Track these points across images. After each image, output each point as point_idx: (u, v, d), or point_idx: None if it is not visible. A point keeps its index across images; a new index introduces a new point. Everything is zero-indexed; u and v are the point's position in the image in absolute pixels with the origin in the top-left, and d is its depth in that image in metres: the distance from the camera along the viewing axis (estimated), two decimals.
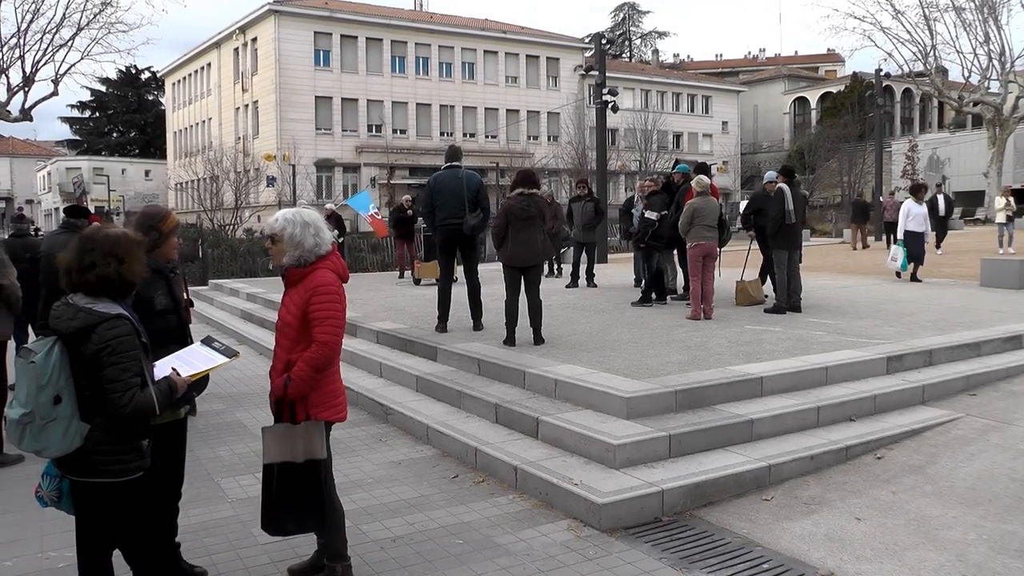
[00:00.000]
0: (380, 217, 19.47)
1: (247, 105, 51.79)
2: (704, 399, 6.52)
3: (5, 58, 24.50)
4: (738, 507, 5.36)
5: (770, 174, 11.31)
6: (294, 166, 44.24)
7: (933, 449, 6.30)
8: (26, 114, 25.63)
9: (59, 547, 4.91)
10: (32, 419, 3.27)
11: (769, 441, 6.17)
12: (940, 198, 23.78)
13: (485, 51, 55.24)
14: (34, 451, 3.35)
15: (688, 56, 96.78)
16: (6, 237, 7.80)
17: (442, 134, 52.96)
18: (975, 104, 45.48)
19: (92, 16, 25.03)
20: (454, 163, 9.59)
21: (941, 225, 23.25)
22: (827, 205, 53.50)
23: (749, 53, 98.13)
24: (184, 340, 4.29)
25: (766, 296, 11.64)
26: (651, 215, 11.72)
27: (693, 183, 10.59)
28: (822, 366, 7.37)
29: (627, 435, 5.78)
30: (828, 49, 77.04)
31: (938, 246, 22.63)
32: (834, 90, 69.88)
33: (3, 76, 24.61)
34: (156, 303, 4.19)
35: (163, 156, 68.31)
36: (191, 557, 4.53)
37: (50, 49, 24.98)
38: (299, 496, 4.01)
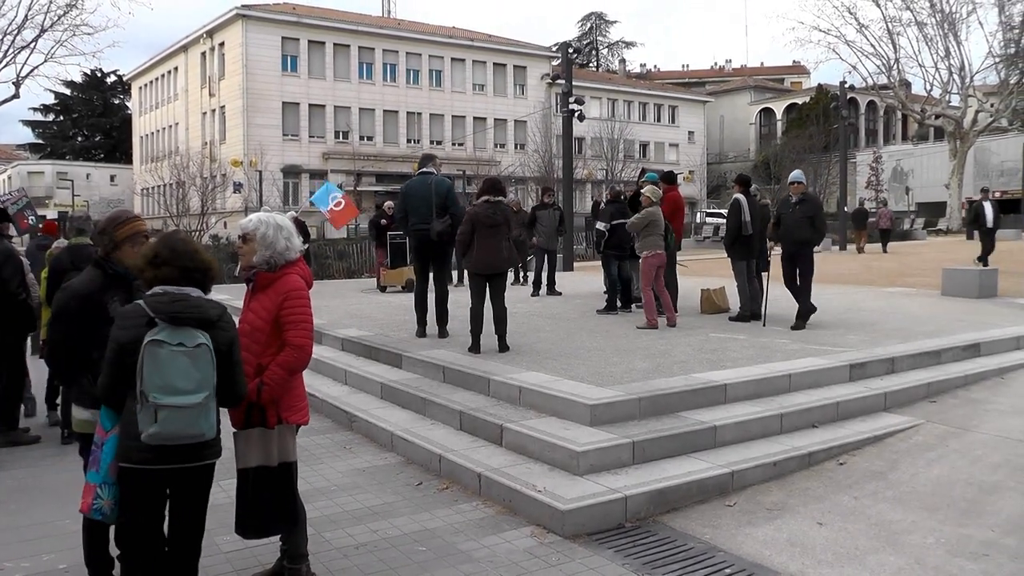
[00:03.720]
0: (339, 207, 18.77)
1: (214, 110, 51.41)
2: (668, 406, 6.53)
3: None
4: (701, 513, 5.38)
5: (796, 174, 10.77)
6: (261, 172, 43.92)
7: (894, 455, 6.38)
8: None
9: (17, 556, 4.83)
10: (210, 401, 3.50)
11: (733, 448, 6.20)
12: (987, 206, 19.67)
13: (452, 58, 55.32)
14: (200, 433, 3.49)
15: (655, 66, 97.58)
16: None
17: (409, 141, 52.93)
18: (937, 117, 46.28)
19: (56, 18, 24.66)
20: (425, 169, 9.66)
21: (988, 237, 19.57)
22: None
23: (716, 64, 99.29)
24: None
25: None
26: (600, 226, 12.00)
27: (648, 191, 10.57)
28: (786, 373, 7.42)
29: (591, 442, 5.78)
30: (794, 61, 78.01)
31: (983, 260, 18.82)
32: (800, 101, 70.78)
33: None
34: (110, 309, 4.12)
35: (129, 161, 67.50)
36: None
37: (11, 51, 24.56)
38: (274, 498, 4.06)
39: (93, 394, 4.02)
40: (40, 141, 77.62)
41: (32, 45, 24.67)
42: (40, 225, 17.04)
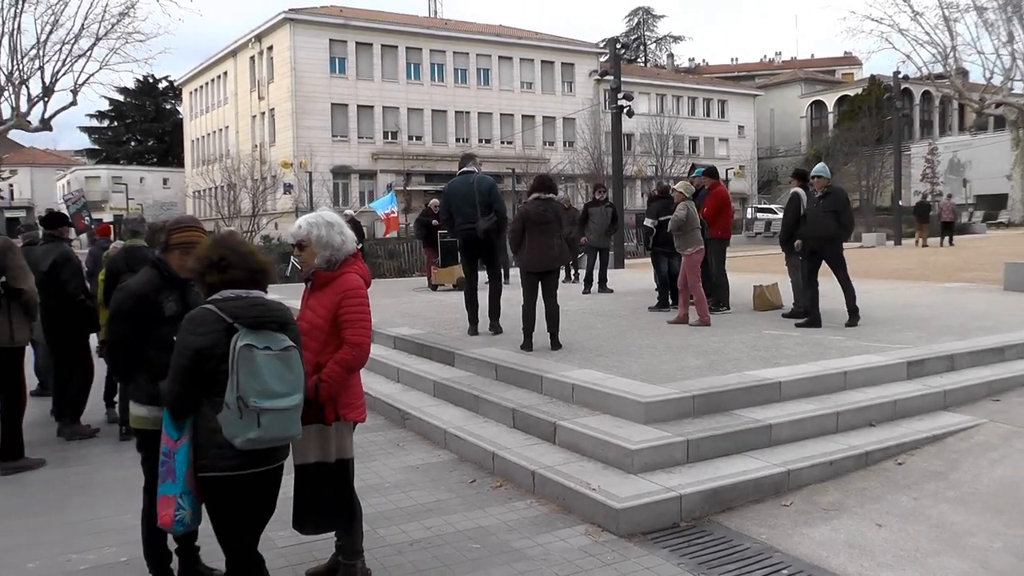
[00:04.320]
0: (395, 215, 19.15)
1: (263, 113, 52.14)
2: (722, 404, 6.47)
3: (25, 69, 24.72)
4: (757, 513, 5.32)
5: (819, 167, 10.34)
6: (311, 173, 44.42)
7: (955, 455, 6.23)
8: (46, 124, 25.85)
9: (80, 550, 4.98)
10: (301, 402, 3.52)
11: (788, 446, 6.12)
12: None
13: (500, 57, 55.41)
14: (295, 435, 3.56)
15: (704, 60, 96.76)
16: (21, 245, 7.94)
17: (458, 140, 53.13)
18: (997, 106, 45.07)
19: (110, 26, 25.19)
20: (466, 169, 9.71)
21: None
22: None
23: (765, 57, 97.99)
24: None
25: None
26: (648, 222, 12.00)
27: (679, 186, 10.56)
28: (841, 371, 7.30)
29: (645, 440, 5.75)
30: (845, 52, 76.59)
31: None
32: (851, 93, 69.60)
33: (24, 87, 24.84)
34: (165, 309, 4.22)
35: (181, 164, 68.95)
36: (210, 560, 4.52)
37: (69, 59, 25.16)
38: (331, 495, 4.12)
39: (149, 391, 4.12)
40: (96, 147, 79.89)
41: (88, 53, 25.22)
42: (95, 227, 17.48)
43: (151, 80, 73.08)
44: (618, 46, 25.63)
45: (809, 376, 7.10)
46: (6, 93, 24.67)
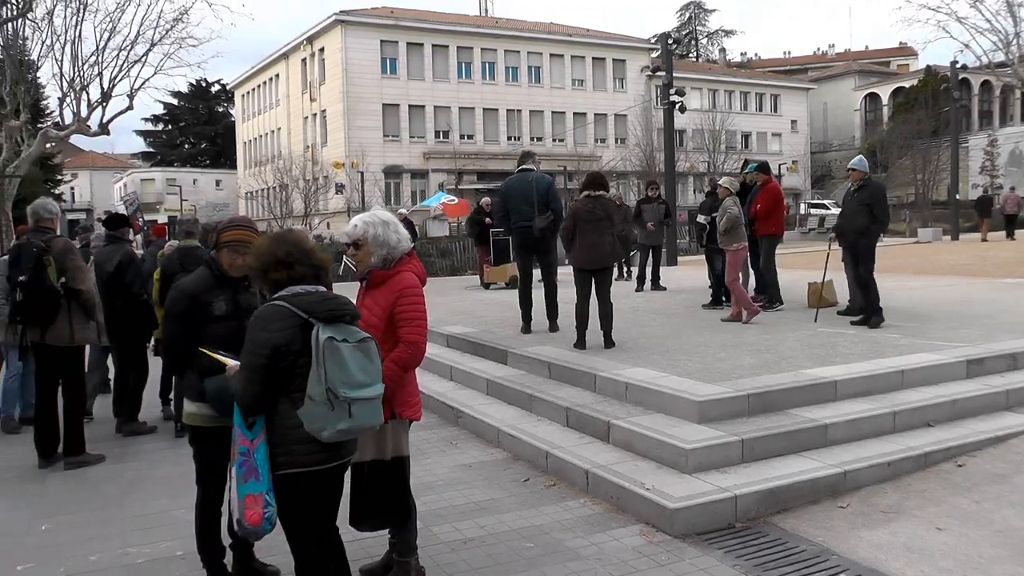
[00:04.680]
0: (453, 201, 19.28)
1: (315, 114, 52.73)
2: (777, 403, 6.41)
3: (85, 76, 25.54)
4: (813, 514, 5.27)
5: (855, 160, 10.21)
6: (362, 173, 44.90)
7: (1019, 457, 6.09)
8: (104, 128, 26.65)
9: (138, 543, 5.13)
10: (383, 392, 3.58)
11: (844, 447, 6.05)
12: None
13: (551, 54, 55.30)
14: (378, 423, 3.61)
15: (755, 54, 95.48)
16: (79, 246, 8.21)
17: (509, 138, 53.19)
18: None
19: (164, 32, 25.88)
20: (524, 167, 9.72)
21: None
22: (900, 204, 52.16)
23: (818, 49, 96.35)
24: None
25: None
26: (701, 218, 12.04)
27: (724, 182, 10.58)
28: (898, 369, 7.18)
29: (699, 439, 5.73)
30: (900, 42, 74.90)
31: None
32: (907, 85, 68.07)
33: (84, 93, 25.64)
34: (215, 308, 4.30)
35: (233, 166, 70.16)
36: (264, 556, 4.64)
37: (125, 65, 25.91)
38: (387, 492, 4.16)
39: (199, 389, 4.20)
40: (151, 150, 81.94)
41: (143, 59, 25.97)
42: (149, 228, 17.97)
43: (204, 84, 74.49)
44: (670, 41, 25.56)
45: (865, 375, 7.00)
46: (68, 99, 25.51)
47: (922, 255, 22.97)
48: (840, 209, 10.54)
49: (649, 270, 15.12)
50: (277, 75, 58.79)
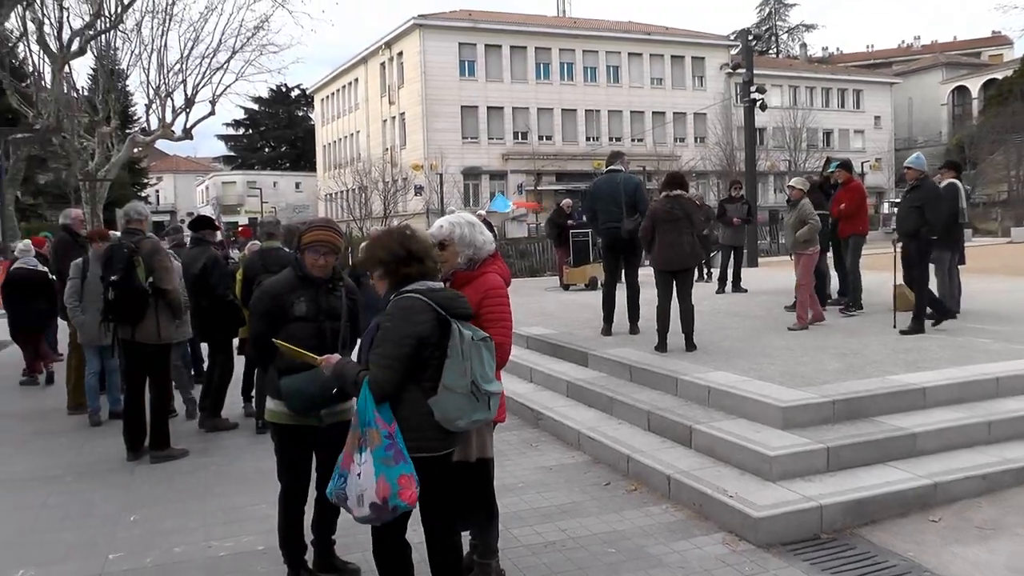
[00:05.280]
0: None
1: (394, 117, 53.37)
2: (863, 410, 6.26)
3: (170, 83, 26.58)
4: (902, 527, 5.11)
5: (912, 158, 9.71)
6: (441, 175, 45.27)
7: None
8: (188, 133, 27.71)
9: (221, 537, 5.28)
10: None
11: (934, 457, 5.86)
12: None
13: (629, 53, 54.85)
14: (488, 419, 3.76)
15: (837, 49, 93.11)
16: (169, 247, 8.49)
17: (588, 139, 53.00)
18: None
19: (245, 40, 26.73)
20: (613, 167, 9.68)
21: None
22: (991, 202, 50.21)
23: (903, 42, 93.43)
24: (327, 351, 4.19)
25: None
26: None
27: (795, 182, 10.43)
28: (992, 376, 6.92)
29: (783, 446, 5.63)
30: (993, 31, 72.12)
31: None
32: (1000, 76, 65.43)
33: (169, 99, 26.67)
34: (296, 309, 4.36)
35: (313, 169, 71.55)
36: (345, 554, 4.72)
37: (208, 72, 26.85)
38: (471, 493, 4.18)
39: (278, 386, 4.28)
40: (232, 153, 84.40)
41: (225, 66, 26.93)
42: (236, 231, 18.43)
43: (284, 89, 76.20)
44: (749, 37, 25.15)
45: (957, 381, 6.78)
46: (154, 106, 26.55)
47: (1016, 255, 22.10)
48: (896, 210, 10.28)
49: (730, 271, 14.92)
50: (356, 79, 59.69)
